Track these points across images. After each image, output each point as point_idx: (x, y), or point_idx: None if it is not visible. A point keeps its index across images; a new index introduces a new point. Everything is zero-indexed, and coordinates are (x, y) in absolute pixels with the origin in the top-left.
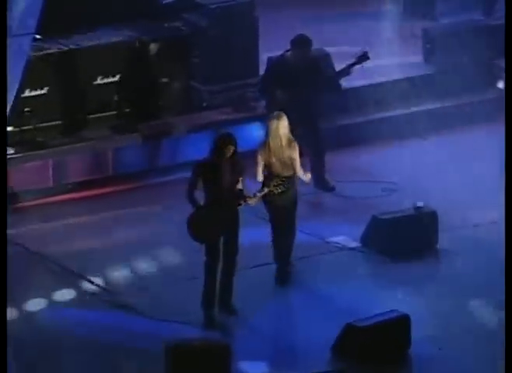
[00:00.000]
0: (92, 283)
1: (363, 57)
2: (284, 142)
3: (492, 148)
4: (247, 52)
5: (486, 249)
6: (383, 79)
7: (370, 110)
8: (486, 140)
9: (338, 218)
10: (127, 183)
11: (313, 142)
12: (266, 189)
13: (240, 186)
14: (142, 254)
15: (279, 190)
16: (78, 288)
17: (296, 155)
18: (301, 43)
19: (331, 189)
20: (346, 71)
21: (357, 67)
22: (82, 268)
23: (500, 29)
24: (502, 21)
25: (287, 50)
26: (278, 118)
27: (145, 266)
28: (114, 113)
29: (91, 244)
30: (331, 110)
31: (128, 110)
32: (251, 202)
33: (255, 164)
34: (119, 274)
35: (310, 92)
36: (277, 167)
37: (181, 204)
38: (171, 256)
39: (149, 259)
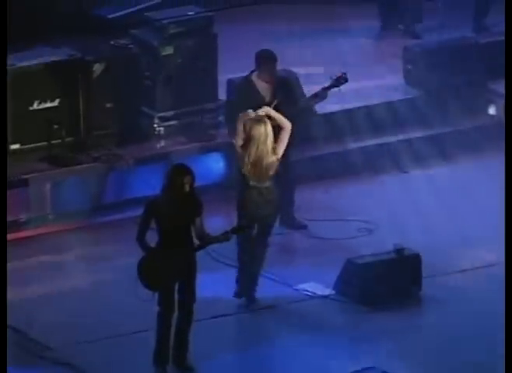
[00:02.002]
0: (26, 337)
1: (341, 79)
2: (269, 149)
3: (482, 182)
4: (205, 73)
5: (475, 297)
6: (357, 104)
7: (343, 140)
8: (476, 173)
9: (309, 262)
10: (66, 223)
11: (283, 174)
12: (228, 235)
13: (197, 225)
14: (84, 303)
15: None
16: (10, 343)
17: (279, 155)
18: (264, 58)
19: (302, 228)
20: (322, 95)
21: (334, 90)
22: (15, 320)
23: (492, 48)
24: (493, 38)
25: (253, 71)
26: (265, 122)
27: (88, 317)
28: (53, 142)
29: (24, 292)
30: (299, 139)
31: (68, 140)
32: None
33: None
34: (58, 327)
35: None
36: (255, 176)
37: (130, 247)
38: (118, 306)
39: (92, 309)
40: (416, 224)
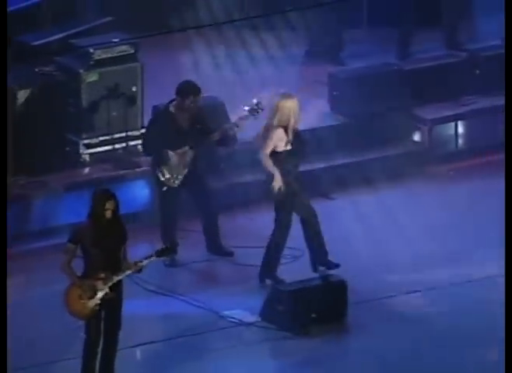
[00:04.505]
0: None
1: (255, 109)
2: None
3: (407, 208)
4: (130, 100)
5: (402, 323)
6: None
7: None
8: (401, 199)
9: (234, 289)
10: None
11: (204, 202)
12: (152, 258)
13: (123, 253)
14: (9, 330)
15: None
16: None
17: None
18: (187, 91)
19: (228, 255)
20: (239, 125)
21: (250, 119)
22: None
23: (416, 74)
24: (417, 65)
25: (172, 100)
26: (292, 97)
27: (13, 344)
28: None
29: None
30: (223, 166)
31: None
32: (135, 270)
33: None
34: None
35: (197, 147)
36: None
37: (56, 274)
38: (44, 334)
39: (18, 336)
40: (342, 250)
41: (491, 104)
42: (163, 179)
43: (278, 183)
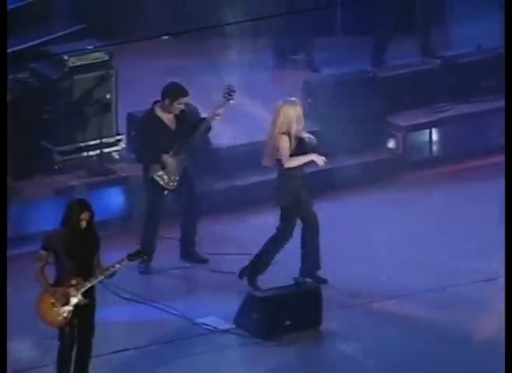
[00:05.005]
0: None
1: (228, 93)
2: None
3: (381, 214)
4: (105, 107)
5: (377, 331)
6: (258, 138)
7: (246, 173)
8: (377, 205)
9: (209, 296)
10: None
11: (187, 206)
12: (124, 262)
13: (96, 260)
14: None
15: None
16: None
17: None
18: (176, 93)
19: (203, 262)
20: (215, 115)
21: (230, 103)
22: None
23: (390, 82)
24: (391, 72)
25: (156, 102)
26: (295, 104)
27: None
28: None
29: None
30: (203, 172)
31: None
32: (108, 275)
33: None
34: None
35: (188, 146)
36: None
37: (28, 282)
38: (18, 341)
39: None
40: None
41: (465, 111)
42: (162, 183)
43: (317, 158)
